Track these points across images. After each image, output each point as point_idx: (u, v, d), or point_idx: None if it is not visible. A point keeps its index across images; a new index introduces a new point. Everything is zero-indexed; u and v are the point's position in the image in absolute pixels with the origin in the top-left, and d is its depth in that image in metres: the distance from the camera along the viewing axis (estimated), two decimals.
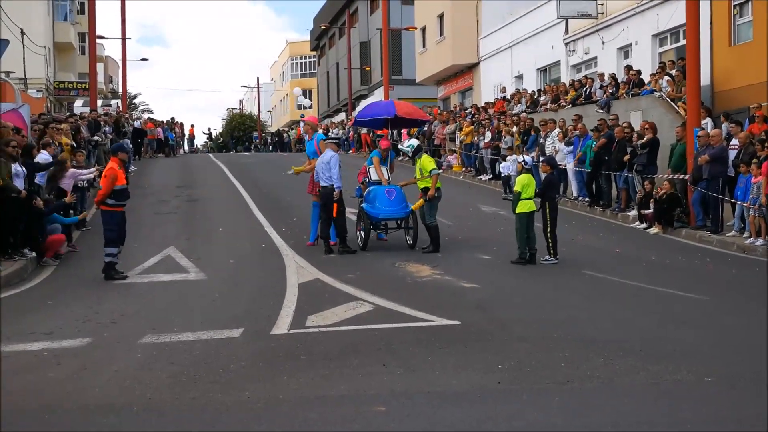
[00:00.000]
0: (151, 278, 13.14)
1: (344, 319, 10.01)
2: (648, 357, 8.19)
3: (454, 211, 20.15)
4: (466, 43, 42.14)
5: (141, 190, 22.80)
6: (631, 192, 20.25)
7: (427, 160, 15.91)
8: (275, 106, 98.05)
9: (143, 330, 9.55)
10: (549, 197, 14.61)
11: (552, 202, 14.63)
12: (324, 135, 17.22)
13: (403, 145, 16.02)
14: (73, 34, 52.51)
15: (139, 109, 76.53)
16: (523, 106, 30.57)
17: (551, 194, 14.71)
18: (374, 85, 56.52)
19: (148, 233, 17.04)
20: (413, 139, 16.41)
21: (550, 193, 14.68)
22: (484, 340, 8.92)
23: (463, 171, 30.46)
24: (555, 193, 14.95)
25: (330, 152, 15.35)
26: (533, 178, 14.69)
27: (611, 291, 12.09)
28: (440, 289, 12.07)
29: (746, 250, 15.78)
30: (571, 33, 32.62)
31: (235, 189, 24.77)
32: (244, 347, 8.78)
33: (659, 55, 26.95)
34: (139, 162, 33.11)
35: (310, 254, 14.78)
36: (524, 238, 14.13)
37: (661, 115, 22.03)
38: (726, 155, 17.39)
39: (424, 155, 16.10)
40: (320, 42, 75.83)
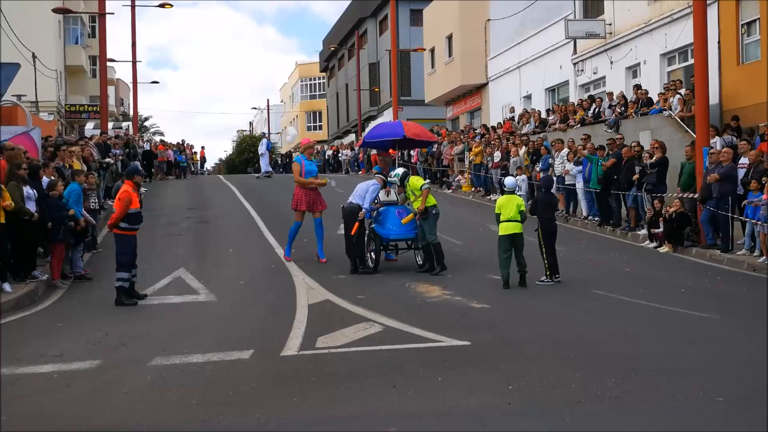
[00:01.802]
0: (162, 300, 13.17)
1: (354, 340, 10.01)
2: (659, 376, 8.16)
3: (464, 231, 20.16)
4: (474, 63, 42.28)
5: (152, 212, 22.88)
6: (640, 211, 20.22)
7: (415, 179, 15.99)
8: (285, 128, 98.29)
9: (153, 352, 9.57)
10: (542, 218, 14.50)
11: (545, 223, 14.45)
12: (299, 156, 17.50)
13: (390, 177, 16.08)
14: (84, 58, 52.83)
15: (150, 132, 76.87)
16: (531, 126, 30.61)
17: (543, 215, 14.56)
18: (383, 106, 56.69)
19: (158, 255, 17.09)
20: (398, 168, 16.55)
21: (542, 213, 14.57)
22: (494, 360, 8.90)
23: (472, 191, 30.47)
24: (547, 213, 14.67)
25: (375, 182, 15.92)
26: (518, 198, 14.50)
27: (622, 310, 12.06)
28: (450, 309, 12.06)
29: (757, 269, 15.71)
30: (579, 53, 32.70)
31: (245, 210, 24.83)
32: (254, 369, 8.79)
33: (667, 75, 26.97)
34: (150, 184, 33.21)
35: (320, 275, 14.80)
36: (504, 261, 13.87)
37: (670, 134, 22.03)
38: (735, 174, 17.36)
39: (411, 177, 16.14)
40: (329, 63, 76.15)
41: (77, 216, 15.14)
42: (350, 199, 15.77)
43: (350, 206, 15.57)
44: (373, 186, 15.77)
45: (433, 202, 15.57)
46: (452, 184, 32.48)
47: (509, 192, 14.47)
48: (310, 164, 16.85)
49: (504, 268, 13.90)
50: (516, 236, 14.05)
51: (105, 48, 32.00)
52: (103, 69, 32.36)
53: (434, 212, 15.44)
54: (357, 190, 15.85)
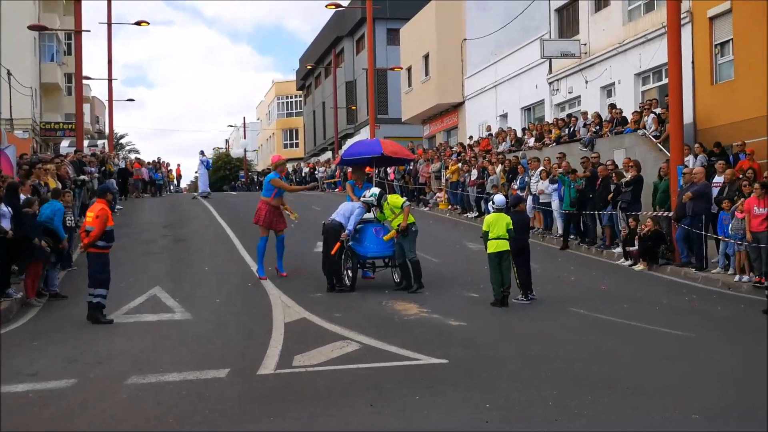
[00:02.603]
0: (137, 318, 13.09)
1: (331, 358, 9.99)
2: (635, 394, 8.20)
3: (441, 249, 20.18)
4: (451, 82, 42.51)
5: (127, 230, 22.76)
6: (615, 229, 20.34)
7: (394, 198, 15.99)
8: (261, 146, 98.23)
9: (129, 370, 9.50)
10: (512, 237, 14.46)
11: (516, 242, 14.38)
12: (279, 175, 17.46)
13: (366, 197, 16.07)
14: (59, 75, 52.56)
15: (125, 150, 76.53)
16: (507, 145, 30.76)
17: (515, 234, 14.42)
18: (360, 124, 56.78)
19: (134, 273, 16.98)
20: (373, 187, 16.58)
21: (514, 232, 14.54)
22: (472, 378, 8.90)
23: (449, 209, 30.53)
24: (519, 232, 14.54)
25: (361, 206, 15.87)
26: (506, 216, 14.52)
27: (598, 328, 12.11)
28: (428, 327, 12.06)
29: (731, 287, 15.85)
30: (554, 72, 32.94)
31: (221, 228, 24.73)
32: (230, 388, 8.74)
33: (642, 94, 27.23)
34: (126, 202, 33.05)
35: (296, 293, 14.76)
36: (497, 278, 13.90)
37: (645, 153, 22.21)
38: (709, 192, 17.52)
39: (389, 196, 16.13)
40: (306, 82, 76.24)
41: (61, 236, 15.09)
42: (333, 216, 15.72)
43: (332, 223, 15.50)
44: (359, 209, 15.74)
45: (412, 219, 15.60)
46: (429, 202, 32.54)
47: (498, 210, 14.49)
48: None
49: (497, 286, 13.89)
50: (504, 254, 14.06)
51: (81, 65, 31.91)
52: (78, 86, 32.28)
53: (414, 229, 15.46)
54: (340, 209, 15.80)
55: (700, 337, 11.41)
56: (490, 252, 14.07)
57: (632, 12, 28.09)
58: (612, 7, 28.96)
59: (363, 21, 49.34)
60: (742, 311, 13.71)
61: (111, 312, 13.10)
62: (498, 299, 13.84)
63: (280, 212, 16.77)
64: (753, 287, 15.35)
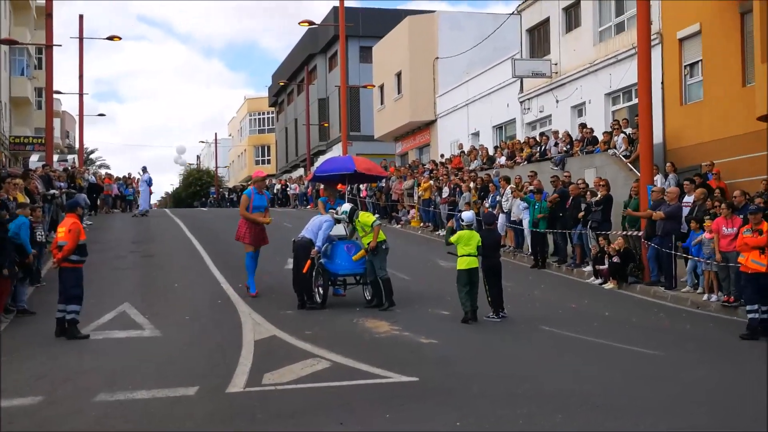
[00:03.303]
0: (106, 335, 12.96)
1: (301, 376, 9.94)
2: (607, 412, 8.23)
3: (413, 267, 20.18)
4: (423, 100, 42.71)
5: (97, 245, 22.55)
6: (586, 248, 20.46)
7: (365, 215, 15.90)
8: (233, 162, 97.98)
9: (98, 388, 9.41)
10: (485, 256, 14.53)
11: (487, 259, 14.50)
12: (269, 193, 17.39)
13: (337, 214, 16.08)
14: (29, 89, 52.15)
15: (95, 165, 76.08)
16: (479, 163, 30.89)
17: (487, 251, 14.56)
18: (332, 141, 56.82)
19: (103, 289, 16.83)
20: (345, 204, 16.58)
21: (485, 250, 14.55)
22: (442, 396, 8.90)
23: (421, 226, 30.57)
24: (491, 250, 14.69)
25: (330, 219, 15.78)
26: (477, 234, 14.59)
27: (569, 346, 12.15)
28: (399, 345, 12.04)
29: (700, 306, 15.97)
30: (525, 91, 33.17)
31: (192, 244, 24.60)
32: (199, 405, 8.68)
33: (612, 114, 27.46)
34: (95, 217, 32.78)
35: (266, 310, 14.68)
36: (466, 295, 13.95)
37: (615, 173, 22.38)
38: (680, 213, 17.68)
39: (361, 213, 16.08)
40: (278, 98, 76.24)
41: (28, 250, 14.91)
42: (303, 233, 15.66)
43: (302, 240, 15.45)
44: (327, 223, 15.64)
45: (383, 237, 15.58)
46: (401, 219, 32.57)
47: (468, 227, 14.54)
48: (260, 199, 16.76)
49: (466, 302, 13.94)
50: (473, 271, 14.13)
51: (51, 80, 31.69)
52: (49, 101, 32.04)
53: (384, 247, 15.44)
54: (310, 225, 15.74)
55: (670, 356, 11.47)
56: (461, 269, 14.12)
57: (603, 33, 28.37)
58: (583, 27, 29.25)
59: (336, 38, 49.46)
60: (711, 330, 13.83)
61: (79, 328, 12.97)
62: (468, 315, 13.87)
63: (262, 228, 16.64)
64: (722, 306, 15.48)
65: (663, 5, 24.01)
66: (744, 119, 20.12)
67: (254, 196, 16.69)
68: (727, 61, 21.29)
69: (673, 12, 23.64)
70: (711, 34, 22.04)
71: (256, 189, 16.85)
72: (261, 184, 17.14)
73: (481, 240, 14.52)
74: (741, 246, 13.40)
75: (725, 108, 21.24)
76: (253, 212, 16.54)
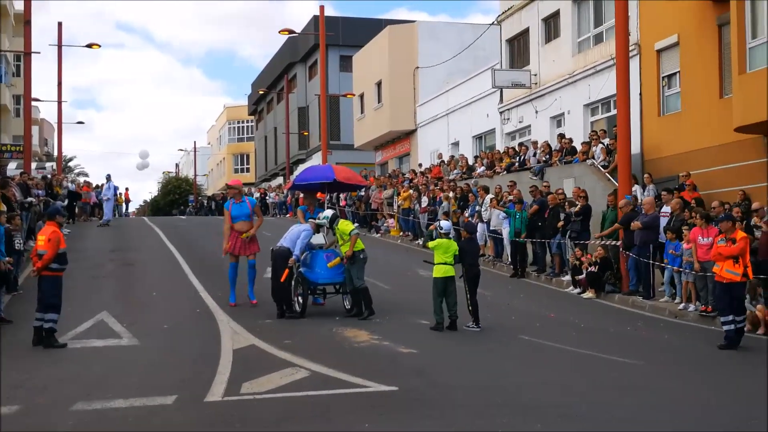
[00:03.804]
0: (84, 344, 12.87)
1: (280, 385, 9.90)
2: (585, 422, 8.25)
3: (392, 276, 20.18)
4: (403, 110, 42.79)
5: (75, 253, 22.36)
6: (564, 257, 20.54)
7: (344, 224, 15.83)
8: (212, 170, 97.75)
9: (75, 397, 9.33)
10: (466, 263, 14.61)
11: (469, 268, 14.59)
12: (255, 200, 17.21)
13: (319, 219, 16.05)
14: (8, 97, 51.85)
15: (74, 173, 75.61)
16: (459, 172, 30.96)
17: (468, 261, 14.66)
18: (312, 150, 56.79)
19: (81, 298, 16.72)
20: (327, 210, 16.54)
21: (467, 259, 14.67)
22: (422, 406, 8.89)
23: (400, 235, 30.58)
24: (472, 259, 14.82)
25: (308, 228, 15.69)
26: (454, 243, 14.67)
27: (548, 356, 12.18)
28: (378, 354, 12.04)
29: (678, 316, 16.07)
30: (505, 102, 33.29)
31: (170, 253, 24.51)
32: (177, 415, 8.63)
33: (591, 124, 27.60)
34: (74, 225, 32.58)
35: (245, 319, 14.64)
36: (439, 303, 14.05)
37: (594, 183, 22.48)
38: (658, 223, 17.78)
39: (341, 221, 16.01)
40: (258, 107, 76.16)
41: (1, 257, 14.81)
42: (281, 241, 15.62)
43: (280, 249, 15.42)
44: (305, 232, 15.61)
45: (361, 246, 15.56)
46: (381, 229, 32.57)
47: (446, 235, 14.60)
48: (238, 208, 16.57)
49: (439, 311, 14.02)
50: (449, 279, 14.19)
51: (30, 87, 31.51)
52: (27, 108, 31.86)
53: (362, 257, 15.42)
54: (288, 233, 15.70)
55: (648, 366, 11.52)
56: (438, 276, 14.19)
57: (582, 44, 28.54)
58: (562, 38, 29.41)
59: (316, 47, 49.55)
60: (689, 340, 13.92)
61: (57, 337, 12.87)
62: (440, 324, 13.94)
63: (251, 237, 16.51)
64: (699, 316, 15.58)
65: (641, 16, 24.18)
66: (721, 130, 20.28)
67: (232, 206, 16.57)
68: (705, 73, 21.46)
69: (651, 23, 23.82)
70: (689, 45, 22.22)
71: (234, 199, 16.72)
72: (231, 192, 16.95)
73: (464, 249, 14.59)
74: (715, 255, 13.47)
75: (703, 119, 21.41)
76: (235, 222, 16.41)
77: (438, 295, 14.10)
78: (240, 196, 16.77)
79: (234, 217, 16.44)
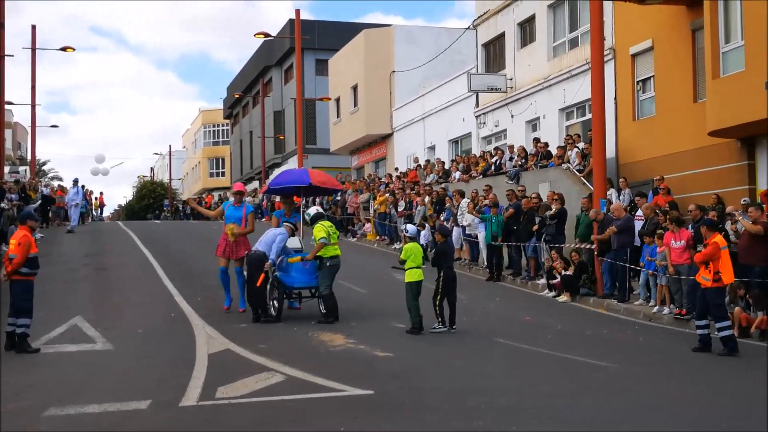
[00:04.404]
0: (57, 348, 12.76)
1: (255, 390, 9.85)
2: (561, 424, 8.26)
3: (368, 280, 20.18)
4: (379, 114, 42.80)
5: (48, 258, 22.24)
6: (540, 261, 20.60)
7: (317, 229, 15.63)
8: (187, 174, 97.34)
9: (48, 402, 9.24)
10: (442, 266, 14.62)
11: (446, 271, 14.62)
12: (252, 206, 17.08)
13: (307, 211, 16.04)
14: None
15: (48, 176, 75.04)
16: (435, 177, 31.00)
17: (442, 263, 14.69)
18: (288, 154, 56.69)
19: (54, 302, 16.58)
20: (314, 207, 16.48)
21: (441, 262, 14.70)
22: (398, 409, 8.88)
23: (377, 239, 30.59)
24: (447, 262, 14.85)
25: (284, 232, 15.56)
26: (419, 246, 14.79)
27: (524, 359, 12.21)
28: (354, 358, 12.01)
29: (652, 318, 16.16)
30: (481, 106, 33.38)
31: (145, 257, 24.38)
32: (151, 419, 8.57)
33: (566, 129, 27.72)
34: (47, 230, 32.35)
35: (220, 324, 14.57)
36: (416, 307, 14.10)
37: (569, 187, 22.57)
38: (632, 225, 17.88)
39: (317, 224, 15.62)
40: (233, 110, 75.93)
41: None
42: (256, 245, 15.53)
43: (255, 253, 15.33)
44: (280, 236, 15.52)
45: (332, 254, 15.33)
46: (357, 233, 32.56)
47: (411, 239, 14.72)
48: (233, 210, 16.39)
49: (416, 314, 14.05)
50: (421, 282, 14.30)
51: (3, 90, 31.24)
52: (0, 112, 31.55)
53: (328, 264, 15.27)
54: (264, 237, 15.60)
55: (622, 368, 11.57)
56: (412, 281, 14.27)
57: (557, 48, 28.67)
58: (537, 43, 29.53)
59: (292, 51, 49.45)
60: (663, 342, 13.99)
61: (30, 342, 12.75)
62: (415, 328, 14.00)
63: (237, 241, 16.24)
64: (674, 319, 15.68)
65: (616, 21, 24.34)
66: (695, 134, 20.44)
67: (229, 207, 16.55)
68: (679, 77, 21.62)
69: (626, 28, 23.97)
70: (663, 50, 22.37)
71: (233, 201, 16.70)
72: (236, 197, 16.87)
73: (438, 252, 14.64)
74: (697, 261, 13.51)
75: (677, 123, 21.56)
76: (227, 222, 16.32)
77: (414, 299, 14.13)
78: (240, 201, 16.64)
79: (227, 218, 16.37)
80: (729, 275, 12.93)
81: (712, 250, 12.85)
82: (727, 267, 12.88)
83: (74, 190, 34.48)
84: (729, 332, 12.78)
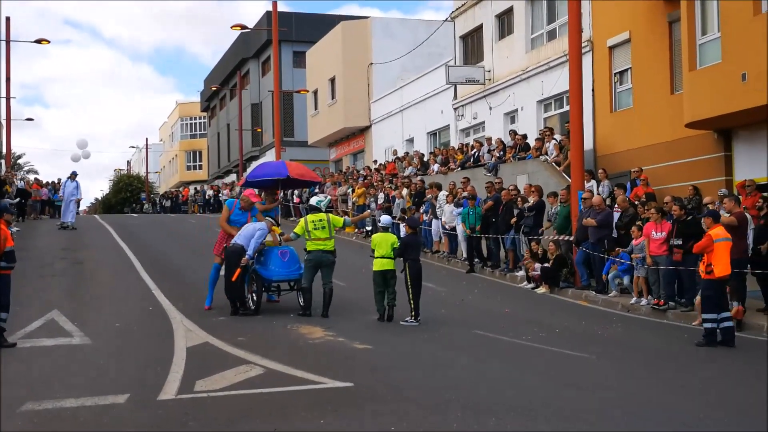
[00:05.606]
0: (34, 343, 12.65)
1: (234, 383, 9.82)
2: (538, 416, 8.28)
3: (347, 273, 20.12)
4: (357, 106, 42.74)
5: (25, 252, 22.06)
6: (518, 253, 20.65)
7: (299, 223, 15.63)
8: (164, 167, 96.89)
9: (24, 397, 9.15)
10: (408, 258, 14.69)
11: (412, 263, 14.67)
12: None
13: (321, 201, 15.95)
14: None
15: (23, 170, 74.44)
16: (413, 169, 31.00)
17: (410, 255, 14.73)
18: (266, 147, 56.53)
19: (31, 296, 16.45)
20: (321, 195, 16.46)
21: (409, 254, 14.74)
22: (377, 401, 8.87)
23: (355, 232, 30.56)
24: (415, 254, 14.90)
25: (263, 227, 15.37)
26: (392, 236, 14.94)
27: (502, 351, 12.23)
28: (333, 350, 11.99)
29: (630, 310, 16.24)
30: (459, 98, 33.40)
31: (122, 251, 24.24)
32: (129, 413, 8.52)
33: (544, 120, 27.79)
34: (23, 223, 32.10)
35: (198, 317, 14.51)
36: (380, 295, 14.51)
37: (547, 179, 22.63)
38: (611, 219, 17.95)
39: (302, 218, 15.75)
40: (211, 103, 75.62)
41: None
42: (235, 239, 15.43)
43: (234, 246, 15.23)
44: (260, 231, 15.40)
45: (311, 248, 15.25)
46: None
47: (384, 229, 14.95)
48: (241, 214, 16.22)
49: (380, 302, 14.51)
50: (387, 272, 14.54)
51: None
52: None
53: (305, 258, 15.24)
54: (243, 231, 15.46)
55: (601, 360, 11.62)
56: (376, 270, 14.56)
57: (535, 40, 28.71)
58: (515, 35, 29.55)
59: (269, 43, 49.32)
60: (641, 333, 14.06)
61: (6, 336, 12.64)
62: (382, 314, 14.42)
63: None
64: (651, 309, 15.76)
65: (594, 13, 24.40)
66: (673, 126, 20.54)
67: (235, 209, 16.25)
68: (656, 69, 21.71)
69: (603, 20, 24.04)
70: (640, 42, 22.46)
71: (239, 205, 16.33)
72: (244, 203, 16.50)
73: (405, 243, 14.71)
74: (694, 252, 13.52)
75: (654, 115, 21.66)
76: (230, 224, 16.11)
77: (378, 287, 14.56)
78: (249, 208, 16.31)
79: (232, 221, 16.10)
80: (722, 268, 12.71)
81: (705, 242, 12.89)
82: (721, 260, 12.72)
83: (73, 184, 32.29)
84: (712, 325, 12.67)
